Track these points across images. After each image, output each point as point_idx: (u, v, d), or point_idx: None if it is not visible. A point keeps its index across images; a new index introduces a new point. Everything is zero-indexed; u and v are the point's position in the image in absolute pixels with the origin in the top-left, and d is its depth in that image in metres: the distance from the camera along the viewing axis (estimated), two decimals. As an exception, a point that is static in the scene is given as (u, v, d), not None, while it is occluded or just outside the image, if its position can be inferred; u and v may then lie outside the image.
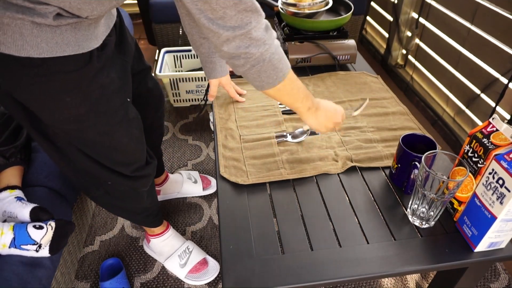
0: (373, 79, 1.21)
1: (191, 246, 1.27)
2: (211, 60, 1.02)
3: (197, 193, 1.51)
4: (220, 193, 0.82)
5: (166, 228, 1.26)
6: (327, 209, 0.79)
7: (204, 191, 1.52)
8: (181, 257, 1.24)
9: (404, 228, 0.75)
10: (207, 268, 1.24)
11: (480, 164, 0.68)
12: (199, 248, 1.29)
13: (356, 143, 0.94)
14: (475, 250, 0.70)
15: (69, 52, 0.68)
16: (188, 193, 1.50)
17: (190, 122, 1.94)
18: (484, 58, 1.53)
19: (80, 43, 0.69)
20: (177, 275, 1.24)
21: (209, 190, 1.53)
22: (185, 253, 1.25)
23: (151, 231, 1.24)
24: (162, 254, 1.26)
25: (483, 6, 1.49)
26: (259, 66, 0.67)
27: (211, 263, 1.26)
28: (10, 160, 1.00)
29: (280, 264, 0.68)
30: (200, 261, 1.24)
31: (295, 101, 0.78)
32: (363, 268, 0.67)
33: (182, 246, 1.26)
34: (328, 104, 0.86)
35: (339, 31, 1.30)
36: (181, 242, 1.27)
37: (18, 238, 0.83)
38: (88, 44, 0.71)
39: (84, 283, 1.23)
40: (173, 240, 1.26)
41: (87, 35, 0.71)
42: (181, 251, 1.25)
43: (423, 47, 1.95)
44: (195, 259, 1.24)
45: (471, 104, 1.63)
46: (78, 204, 1.26)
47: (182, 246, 1.26)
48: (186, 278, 1.22)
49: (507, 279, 1.21)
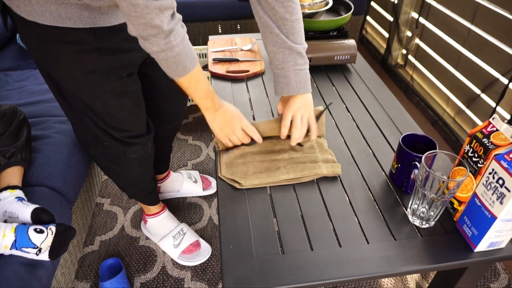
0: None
1: (185, 228, 1.33)
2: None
3: (197, 193, 1.52)
4: (220, 193, 0.82)
5: (163, 209, 1.33)
6: (327, 209, 0.79)
7: (204, 191, 1.52)
8: (175, 238, 1.30)
9: (404, 228, 0.75)
10: (199, 250, 1.29)
11: (480, 164, 0.68)
12: (193, 231, 1.35)
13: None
14: (475, 250, 0.70)
15: (71, 25, 0.77)
16: (188, 192, 1.51)
17: (190, 122, 1.94)
18: (484, 58, 1.53)
19: (84, 19, 0.78)
20: (170, 255, 1.30)
21: (209, 191, 1.53)
22: (179, 234, 1.31)
23: (147, 209, 1.31)
24: (157, 235, 1.32)
25: (483, 6, 1.49)
26: (165, 55, 0.71)
27: (203, 245, 1.31)
28: (11, 160, 1.00)
29: (280, 264, 0.68)
30: (193, 243, 1.30)
31: (193, 97, 0.84)
32: (363, 268, 0.67)
33: (176, 228, 1.32)
34: (229, 109, 0.89)
35: (339, 31, 1.30)
36: (176, 223, 1.34)
37: (19, 240, 0.83)
38: (92, 21, 0.79)
39: (84, 283, 1.23)
40: (168, 221, 1.33)
41: (94, 15, 0.79)
42: (175, 232, 1.31)
43: (423, 47, 1.95)
44: (188, 240, 1.30)
45: (471, 104, 1.63)
46: (78, 204, 1.26)
47: (176, 227, 1.32)
48: (179, 259, 1.28)
49: (507, 279, 1.21)
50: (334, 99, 1.13)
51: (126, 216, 1.45)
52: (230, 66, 1.25)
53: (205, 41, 2.25)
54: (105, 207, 1.49)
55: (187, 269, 1.27)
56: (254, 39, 1.42)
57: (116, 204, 1.50)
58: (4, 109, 1.04)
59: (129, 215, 1.45)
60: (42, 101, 1.35)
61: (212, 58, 1.29)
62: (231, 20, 2.23)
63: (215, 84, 1.20)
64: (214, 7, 2.14)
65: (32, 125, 1.17)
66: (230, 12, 2.18)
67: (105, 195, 1.54)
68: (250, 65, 1.26)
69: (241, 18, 2.24)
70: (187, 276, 1.25)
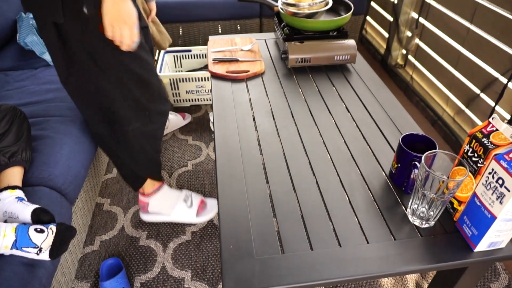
0: None
1: (188, 191, 1.40)
2: None
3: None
4: (220, 193, 0.83)
5: (163, 181, 1.35)
6: (327, 209, 0.79)
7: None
8: (186, 201, 1.35)
9: (404, 228, 0.75)
10: (208, 205, 1.39)
11: (480, 164, 0.68)
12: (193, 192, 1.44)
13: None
14: (475, 250, 0.70)
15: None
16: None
17: (190, 122, 1.94)
18: (483, 58, 1.53)
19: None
20: (189, 220, 1.35)
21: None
22: (188, 197, 1.37)
23: (152, 185, 1.30)
24: (167, 208, 1.33)
25: (482, 5, 1.49)
26: None
27: (208, 201, 1.41)
28: (11, 160, 1.00)
29: (280, 264, 0.68)
30: (201, 200, 1.39)
31: None
32: (363, 268, 0.67)
33: (181, 193, 1.38)
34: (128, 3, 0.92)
35: (339, 31, 1.30)
36: (179, 191, 1.39)
37: (19, 240, 0.83)
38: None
39: (84, 283, 1.23)
40: (172, 191, 1.37)
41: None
42: (184, 196, 1.36)
43: (423, 47, 1.96)
44: (196, 199, 1.38)
45: (471, 104, 1.63)
46: (78, 204, 1.26)
47: (181, 192, 1.38)
48: (198, 218, 1.34)
49: (507, 279, 1.21)
50: (334, 99, 1.13)
51: (126, 216, 1.45)
52: (230, 66, 1.25)
53: (205, 41, 2.25)
54: (105, 207, 1.49)
55: (187, 269, 1.27)
56: (254, 39, 1.42)
57: (116, 204, 1.50)
58: (4, 109, 1.04)
59: (129, 215, 1.46)
60: (42, 101, 1.35)
61: (212, 58, 1.29)
62: (231, 20, 2.23)
63: (215, 84, 1.20)
64: (214, 7, 2.14)
65: (32, 125, 1.17)
66: (230, 12, 2.18)
67: (105, 195, 1.54)
68: (250, 65, 1.26)
69: (241, 18, 2.24)
70: (187, 276, 1.25)
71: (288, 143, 0.96)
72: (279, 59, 1.34)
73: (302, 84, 1.21)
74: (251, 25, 2.26)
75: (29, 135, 1.10)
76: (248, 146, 0.95)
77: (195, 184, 1.58)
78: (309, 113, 1.07)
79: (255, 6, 2.19)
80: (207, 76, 1.91)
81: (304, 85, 1.20)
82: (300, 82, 1.22)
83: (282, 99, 1.13)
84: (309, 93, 1.16)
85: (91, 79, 1.00)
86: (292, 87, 1.19)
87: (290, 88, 1.18)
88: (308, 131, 1.00)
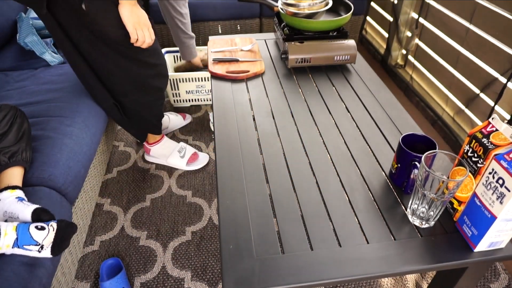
0: None
1: (184, 144, 1.66)
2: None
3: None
4: (220, 193, 0.83)
5: (163, 135, 1.64)
6: (327, 209, 0.79)
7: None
8: (180, 152, 1.63)
9: (404, 228, 0.75)
10: (199, 158, 1.66)
11: (479, 164, 0.68)
12: (189, 146, 1.69)
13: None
14: (475, 250, 0.70)
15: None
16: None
17: (190, 122, 1.94)
18: (483, 58, 1.53)
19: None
20: (179, 166, 1.63)
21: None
22: (182, 148, 1.64)
23: (153, 138, 1.60)
24: (163, 155, 1.63)
25: (481, 5, 1.49)
26: None
27: (201, 154, 1.68)
28: (11, 160, 1.00)
29: (280, 264, 0.68)
30: (194, 153, 1.65)
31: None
32: (363, 268, 0.67)
33: (178, 145, 1.65)
34: (140, 8, 1.13)
35: (339, 31, 1.31)
36: (176, 142, 1.67)
37: (21, 238, 0.83)
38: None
39: (84, 283, 1.23)
40: (170, 142, 1.65)
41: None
42: (179, 147, 1.64)
43: (422, 47, 1.96)
44: (190, 151, 1.65)
45: (471, 104, 1.64)
46: (78, 204, 1.26)
47: (178, 145, 1.65)
48: (187, 166, 1.63)
49: (507, 279, 1.22)
50: (334, 99, 1.13)
51: (126, 216, 1.45)
52: (230, 66, 1.25)
53: (205, 41, 2.25)
54: (105, 207, 1.49)
55: (187, 269, 1.27)
56: (254, 39, 1.42)
57: (116, 204, 1.50)
58: (4, 109, 1.04)
59: (129, 215, 1.46)
60: (42, 101, 1.35)
61: (212, 58, 1.29)
62: (231, 20, 2.23)
63: (215, 84, 1.20)
64: (214, 8, 2.14)
65: (32, 125, 1.17)
66: (230, 12, 2.19)
67: (105, 195, 1.54)
68: (250, 65, 1.26)
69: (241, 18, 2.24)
70: (187, 276, 1.25)
71: (288, 143, 0.96)
72: (279, 59, 1.34)
73: (302, 84, 1.21)
74: (251, 25, 2.27)
75: (29, 135, 1.10)
76: (248, 146, 0.95)
77: (195, 184, 1.58)
78: (309, 113, 1.07)
79: (255, 6, 2.19)
80: (207, 76, 1.91)
81: (304, 85, 1.20)
82: (300, 82, 1.22)
83: (282, 99, 1.13)
84: (309, 93, 1.16)
85: (95, 62, 1.21)
86: (292, 87, 1.19)
87: (290, 88, 1.18)
88: (308, 131, 1.00)
